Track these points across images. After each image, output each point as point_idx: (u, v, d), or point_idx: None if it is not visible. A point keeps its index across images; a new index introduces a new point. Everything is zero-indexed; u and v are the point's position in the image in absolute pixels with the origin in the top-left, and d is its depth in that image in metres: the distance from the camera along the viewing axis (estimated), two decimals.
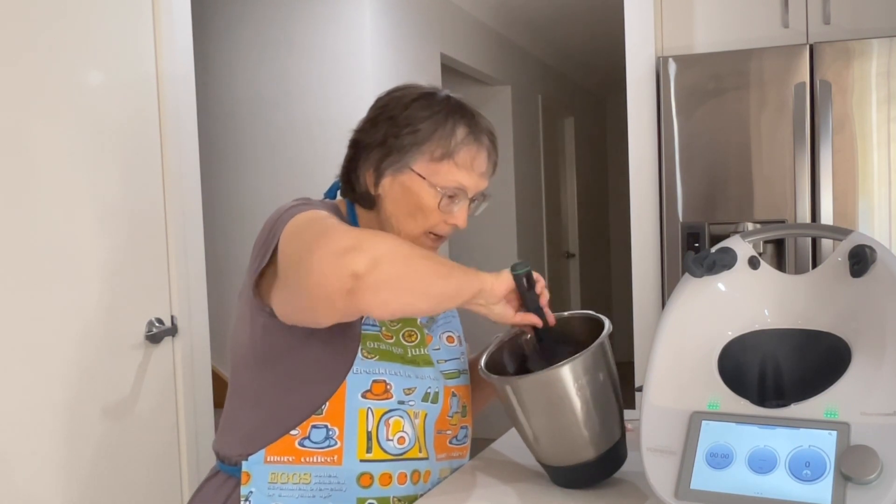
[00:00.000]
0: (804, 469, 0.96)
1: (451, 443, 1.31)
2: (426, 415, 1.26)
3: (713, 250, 1.15)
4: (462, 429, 1.34)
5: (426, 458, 1.26)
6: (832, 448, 0.96)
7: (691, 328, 1.12)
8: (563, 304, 6.03)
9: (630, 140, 2.70)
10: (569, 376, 1.14)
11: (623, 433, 1.23)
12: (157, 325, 2.03)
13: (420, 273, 1.09)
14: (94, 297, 1.86)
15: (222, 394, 1.48)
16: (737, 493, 0.97)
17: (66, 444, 1.78)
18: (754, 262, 1.15)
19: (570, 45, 5.73)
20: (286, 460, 1.21)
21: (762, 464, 0.98)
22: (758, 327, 1.12)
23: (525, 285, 1.21)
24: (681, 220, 2.55)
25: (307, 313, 1.13)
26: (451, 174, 1.24)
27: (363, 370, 1.21)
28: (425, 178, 1.24)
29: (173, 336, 2.10)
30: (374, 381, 1.22)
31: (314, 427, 1.20)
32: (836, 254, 1.10)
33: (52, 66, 1.77)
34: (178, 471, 2.12)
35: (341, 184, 1.35)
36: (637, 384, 2.37)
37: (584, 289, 6.54)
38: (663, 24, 2.67)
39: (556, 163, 6.10)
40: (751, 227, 2.46)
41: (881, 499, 0.91)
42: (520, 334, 1.30)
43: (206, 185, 2.62)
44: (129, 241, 1.96)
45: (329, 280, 1.03)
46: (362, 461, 1.21)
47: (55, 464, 1.76)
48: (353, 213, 1.32)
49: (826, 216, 2.41)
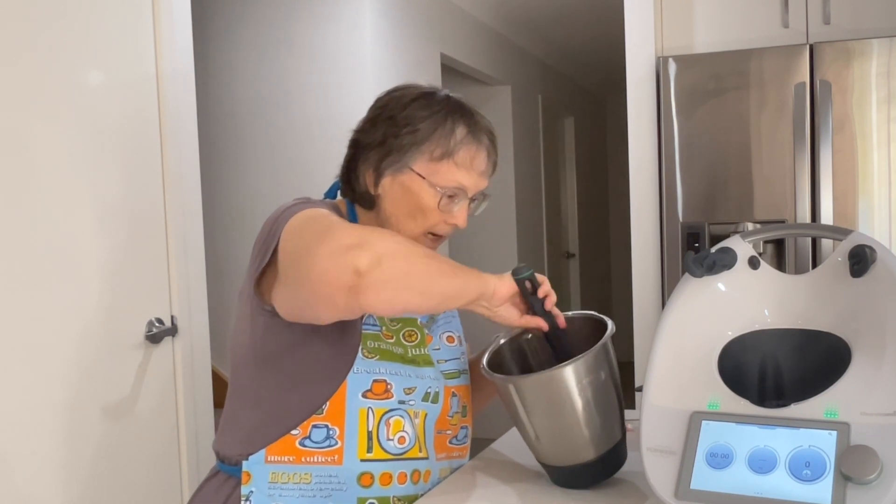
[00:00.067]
0: (804, 469, 0.96)
1: (451, 443, 1.31)
2: (426, 415, 1.26)
3: (713, 250, 1.15)
4: (462, 429, 1.34)
5: (426, 458, 1.26)
6: (832, 448, 0.96)
7: (691, 328, 1.12)
8: (564, 304, 5.97)
9: (630, 140, 2.70)
10: (571, 376, 1.14)
11: (624, 434, 1.23)
12: (157, 325, 2.03)
13: (423, 271, 1.09)
14: (94, 297, 1.86)
15: (222, 394, 1.48)
16: (737, 493, 0.97)
17: (66, 444, 1.78)
18: (754, 262, 1.15)
19: (570, 45, 5.72)
20: (286, 460, 1.21)
21: (762, 464, 0.98)
22: (758, 327, 1.12)
23: (528, 289, 1.20)
24: (681, 220, 2.55)
25: (308, 310, 1.12)
26: (451, 174, 1.24)
27: (364, 370, 1.21)
28: (425, 178, 1.24)
29: (173, 336, 2.10)
30: (375, 380, 1.22)
31: (315, 427, 1.20)
32: (836, 254, 1.10)
33: (52, 66, 1.77)
34: (178, 471, 2.12)
35: (341, 184, 1.35)
36: (637, 384, 2.37)
37: (584, 289, 6.54)
38: (663, 24, 2.67)
39: (556, 163, 6.09)
40: (751, 227, 2.46)
41: (881, 499, 0.91)
42: (521, 334, 1.30)
43: (206, 185, 2.62)
44: (129, 241, 1.96)
45: (331, 276, 1.02)
46: (363, 461, 1.21)
47: (55, 464, 1.76)
48: (352, 213, 1.32)
49: (826, 216, 2.41)
